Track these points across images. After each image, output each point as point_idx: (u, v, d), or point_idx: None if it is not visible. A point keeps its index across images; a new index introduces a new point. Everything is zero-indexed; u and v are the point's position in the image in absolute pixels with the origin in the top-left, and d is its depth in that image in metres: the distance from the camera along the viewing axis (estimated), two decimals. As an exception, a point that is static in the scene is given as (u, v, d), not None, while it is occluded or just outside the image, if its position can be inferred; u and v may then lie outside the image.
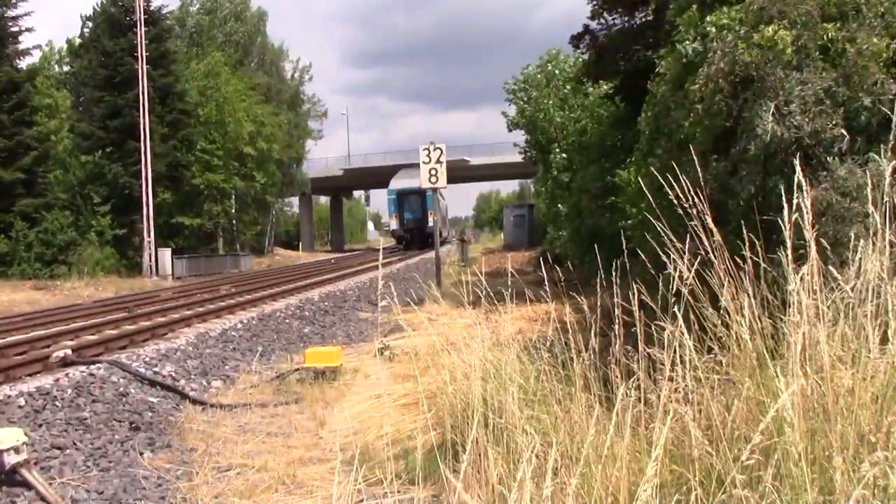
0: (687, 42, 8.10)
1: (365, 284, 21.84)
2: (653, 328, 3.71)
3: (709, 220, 3.82)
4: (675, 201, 4.09)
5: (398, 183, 48.72)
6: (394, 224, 49.33)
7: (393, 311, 13.78)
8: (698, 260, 3.81)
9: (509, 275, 6.21)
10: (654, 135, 9.28)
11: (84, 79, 39.78)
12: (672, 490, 3.11)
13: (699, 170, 4.65)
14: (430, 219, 41.68)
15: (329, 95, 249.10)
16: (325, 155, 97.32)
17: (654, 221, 4.16)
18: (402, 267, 30.91)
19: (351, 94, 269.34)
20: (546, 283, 5.14)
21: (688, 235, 4.03)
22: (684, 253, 3.77)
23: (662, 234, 4.00)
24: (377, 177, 70.20)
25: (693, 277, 3.67)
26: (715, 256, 3.75)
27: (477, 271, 6.43)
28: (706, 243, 3.85)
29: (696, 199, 3.93)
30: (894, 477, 2.53)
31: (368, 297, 18.83)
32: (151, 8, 37.65)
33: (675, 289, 3.71)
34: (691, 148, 5.47)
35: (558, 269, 5.40)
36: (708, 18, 7.74)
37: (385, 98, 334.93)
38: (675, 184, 4.05)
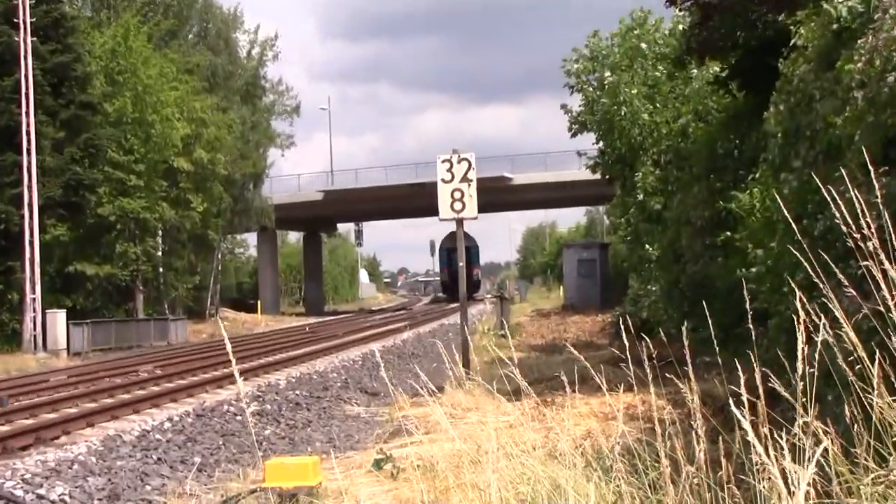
0: (838, 0, 8.12)
1: (356, 363, 21.83)
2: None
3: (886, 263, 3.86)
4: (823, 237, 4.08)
5: (448, 242, 77.29)
6: (444, 275, 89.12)
7: (397, 405, 13.66)
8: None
9: (572, 349, 6.18)
10: (790, 138, 9.26)
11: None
12: None
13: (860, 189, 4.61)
14: (475, 272, 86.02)
15: (306, 82, 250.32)
16: (296, 170, 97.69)
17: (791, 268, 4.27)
18: (411, 337, 30.81)
19: (339, 81, 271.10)
20: (628, 362, 5.13)
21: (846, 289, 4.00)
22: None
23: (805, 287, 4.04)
24: (374, 202, 70.49)
25: (858, 353, 3.68)
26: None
27: (524, 344, 6.47)
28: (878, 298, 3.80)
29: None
30: None
31: (360, 381, 18.83)
32: (42, -46, 38.35)
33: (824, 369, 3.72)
34: (847, 156, 5.44)
35: (646, 340, 5.50)
36: (870, -37, 7.75)
37: (389, 85, 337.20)
38: (822, 211, 4.05)
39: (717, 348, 4.86)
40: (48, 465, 10.43)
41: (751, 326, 4.67)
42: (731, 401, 3.84)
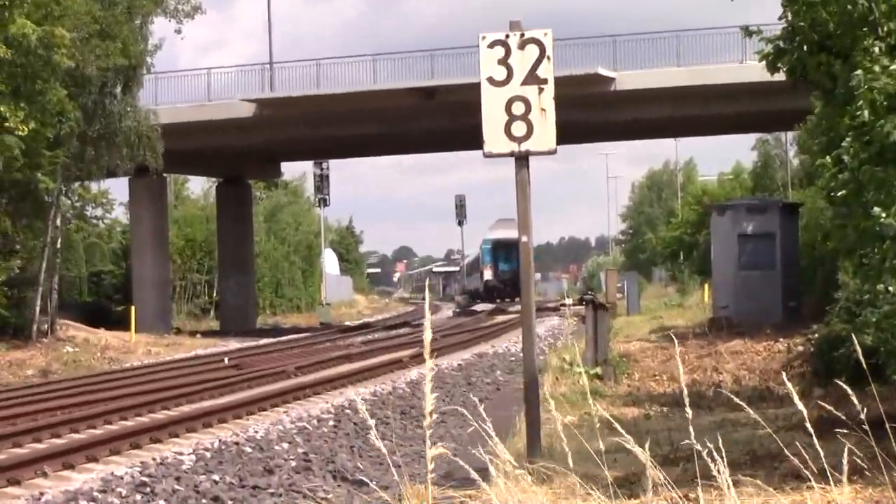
0: None
1: (322, 424, 16.94)
2: None
3: None
4: None
5: (494, 233, 76.70)
6: (488, 274, 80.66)
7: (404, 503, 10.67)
8: None
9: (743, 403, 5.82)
10: None
11: None
12: None
13: None
14: None
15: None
16: (205, 61, 77.00)
17: None
18: (424, 377, 25.21)
19: None
20: (845, 427, 4.88)
21: None
22: None
23: None
24: (350, 122, 44.66)
25: None
26: None
27: (640, 392, 6.17)
28: None
29: None
30: None
31: (332, 458, 14.73)
32: None
33: None
34: None
35: (873, 387, 5.19)
36: None
37: None
38: None
39: None
40: None
41: None
42: None
